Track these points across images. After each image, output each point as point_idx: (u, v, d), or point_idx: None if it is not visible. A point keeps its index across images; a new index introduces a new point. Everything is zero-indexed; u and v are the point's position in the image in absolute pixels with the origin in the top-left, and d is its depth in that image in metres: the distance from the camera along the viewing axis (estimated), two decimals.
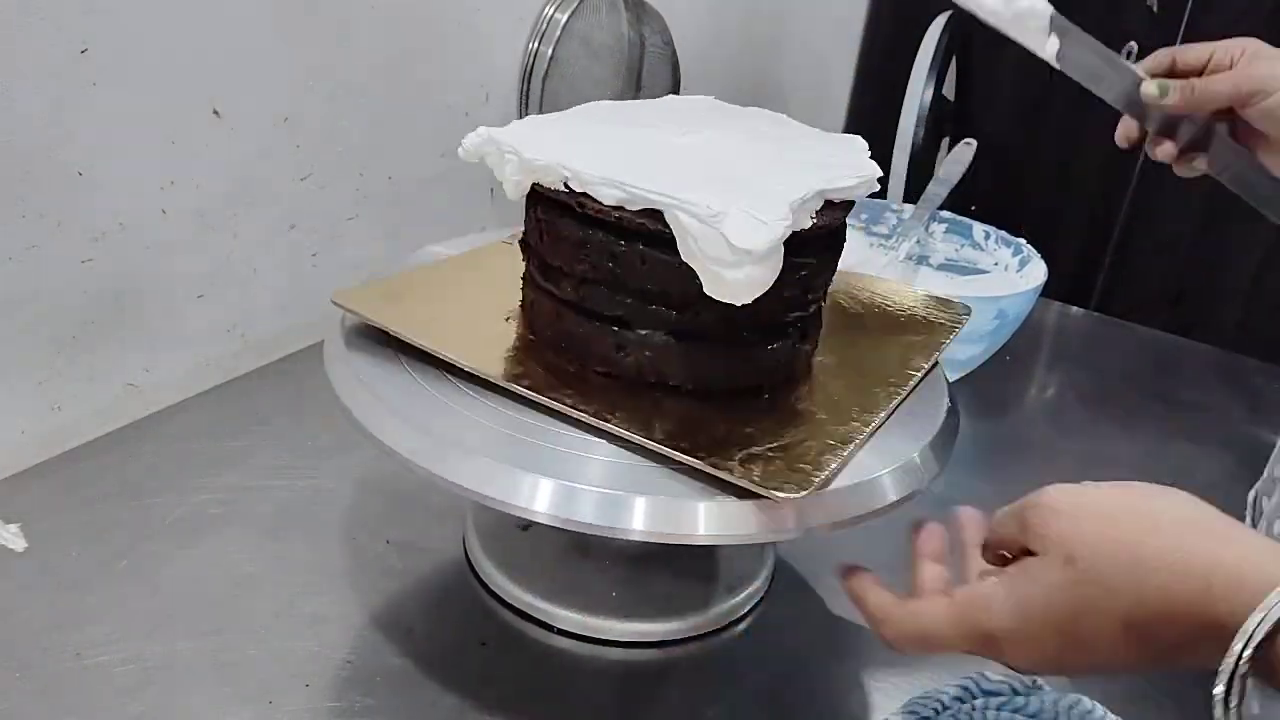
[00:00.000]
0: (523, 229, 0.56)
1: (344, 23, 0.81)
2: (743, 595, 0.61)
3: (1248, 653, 0.32)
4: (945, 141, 1.46)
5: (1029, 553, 0.38)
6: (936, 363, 0.59)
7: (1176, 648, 0.34)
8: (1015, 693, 0.47)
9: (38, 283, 0.66)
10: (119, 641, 0.54)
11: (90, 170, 0.66)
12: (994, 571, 0.40)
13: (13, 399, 0.67)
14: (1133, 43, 1.46)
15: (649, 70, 1.03)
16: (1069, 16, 0.63)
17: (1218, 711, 0.33)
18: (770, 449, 0.47)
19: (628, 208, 0.47)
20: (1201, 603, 0.33)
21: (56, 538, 0.61)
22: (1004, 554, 0.42)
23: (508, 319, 0.57)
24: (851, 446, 0.48)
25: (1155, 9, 1.44)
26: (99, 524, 0.62)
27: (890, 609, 0.42)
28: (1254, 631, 0.32)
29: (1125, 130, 0.71)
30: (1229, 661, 0.32)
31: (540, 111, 0.97)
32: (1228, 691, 0.32)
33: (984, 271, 0.96)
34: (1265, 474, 0.60)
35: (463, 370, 0.51)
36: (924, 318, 0.62)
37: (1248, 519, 0.59)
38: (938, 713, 0.48)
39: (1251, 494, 0.61)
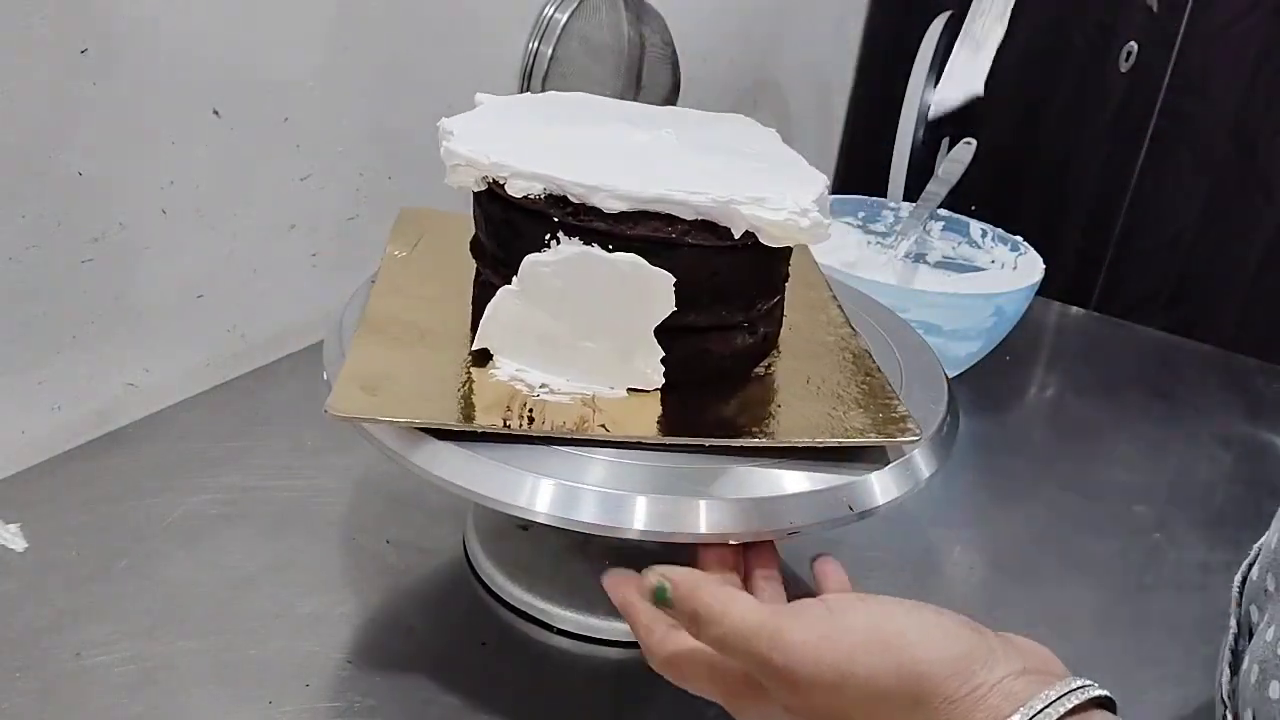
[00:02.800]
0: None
1: (344, 22, 0.81)
2: None
3: None
4: (945, 141, 1.46)
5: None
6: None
7: None
8: None
9: (38, 283, 0.66)
10: (119, 641, 0.54)
11: (90, 170, 0.66)
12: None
13: (13, 399, 0.67)
14: (1133, 42, 1.46)
15: (649, 70, 1.03)
16: (1069, 17, 0.62)
17: None
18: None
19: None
20: None
21: (56, 538, 0.61)
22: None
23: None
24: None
25: (1155, 9, 1.44)
26: (99, 524, 0.62)
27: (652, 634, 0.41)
28: None
29: None
30: None
31: None
32: None
33: (981, 269, 0.96)
34: (1255, 576, 0.49)
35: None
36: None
37: (1231, 621, 0.49)
38: None
39: (1236, 588, 0.51)
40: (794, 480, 0.47)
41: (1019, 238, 0.94)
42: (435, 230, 0.66)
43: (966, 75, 0.89)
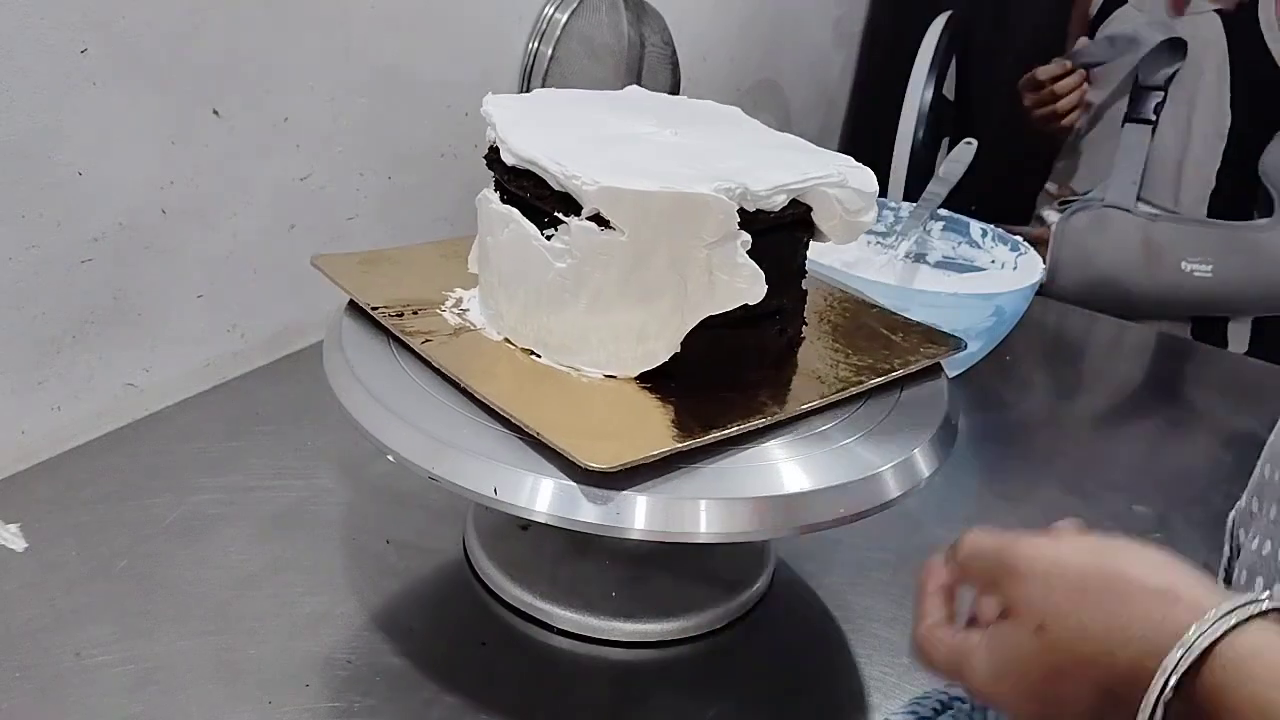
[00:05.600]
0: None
1: (344, 22, 0.81)
2: (743, 595, 0.61)
3: (1169, 686, 0.32)
4: (945, 141, 1.46)
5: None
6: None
7: None
8: None
9: (38, 283, 0.66)
10: (119, 641, 0.54)
11: (90, 170, 0.66)
12: (978, 624, 0.42)
13: (13, 399, 0.67)
14: None
15: (649, 70, 1.03)
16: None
17: None
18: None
19: None
20: None
21: (56, 538, 0.61)
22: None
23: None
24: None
25: None
26: (99, 524, 0.62)
27: (920, 622, 0.44)
28: (1175, 664, 0.32)
29: None
30: (1149, 698, 0.33)
31: None
32: None
33: (981, 269, 0.96)
34: (1243, 503, 0.55)
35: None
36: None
37: (1225, 548, 0.55)
38: (937, 712, 0.48)
39: (1230, 520, 0.56)
40: (796, 480, 0.47)
41: (1019, 237, 0.94)
42: (377, 266, 0.64)
43: None
